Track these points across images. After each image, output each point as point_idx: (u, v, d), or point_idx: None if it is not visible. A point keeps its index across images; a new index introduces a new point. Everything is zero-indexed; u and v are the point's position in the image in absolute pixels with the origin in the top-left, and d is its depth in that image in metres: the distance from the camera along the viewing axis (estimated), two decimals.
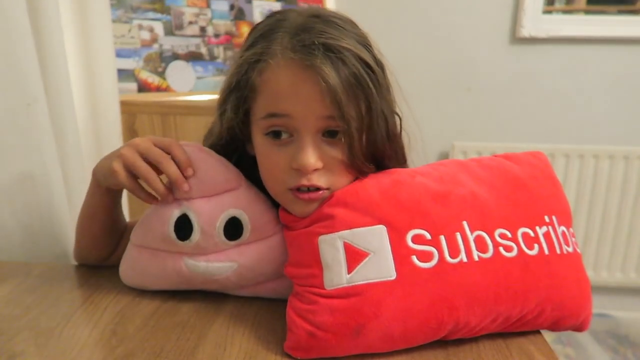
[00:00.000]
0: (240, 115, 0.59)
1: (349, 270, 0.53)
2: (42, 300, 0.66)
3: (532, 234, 0.59)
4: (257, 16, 1.44)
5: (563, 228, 0.62)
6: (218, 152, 0.64)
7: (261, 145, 0.58)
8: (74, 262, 0.78)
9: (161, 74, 1.25)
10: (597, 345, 1.79)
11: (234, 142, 0.64)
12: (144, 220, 0.65)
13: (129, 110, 1.18)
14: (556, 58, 1.77)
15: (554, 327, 0.61)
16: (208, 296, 0.67)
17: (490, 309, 0.55)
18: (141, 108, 1.19)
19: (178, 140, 0.63)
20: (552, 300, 0.58)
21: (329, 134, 0.55)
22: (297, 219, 0.59)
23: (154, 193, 0.60)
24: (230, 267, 0.62)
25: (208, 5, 1.34)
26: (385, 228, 0.55)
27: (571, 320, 0.61)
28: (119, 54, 1.18)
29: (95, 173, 0.64)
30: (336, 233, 0.55)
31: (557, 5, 1.75)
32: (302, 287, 0.57)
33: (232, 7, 1.39)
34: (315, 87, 0.52)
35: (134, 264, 0.67)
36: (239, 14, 1.41)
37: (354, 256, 0.54)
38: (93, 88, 1.08)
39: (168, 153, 0.60)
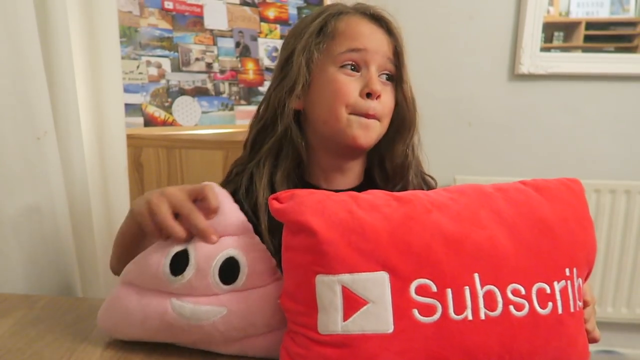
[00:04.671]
0: (319, 55, 0.71)
1: (345, 318, 0.50)
2: (46, 333, 0.66)
3: (548, 290, 0.54)
4: (262, 53, 1.48)
5: (580, 281, 0.58)
6: (263, 133, 0.75)
7: (334, 77, 0.70)
8: (79, 294, 0.78)
9: (167, 109, 1.27)
10: None
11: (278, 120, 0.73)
12: (140, 257, 0.62)
13: (135, 143, 1.20)
14: (555, 94, 1.80)
15: None
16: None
17: None
18: (147, 141, 1.21)
19: (183, 173, 0.64)
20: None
21: (386, 77, 0.73)
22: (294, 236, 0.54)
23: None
24: (219, 311, 0.58)
25: (214, 43, 1.38)
26: (388, 276, 0.50)
27: None
28: (127, 89, 1.20)
29: (132, 205, 0.67)
30: (336, 276, 0.50)
31: (555, 43, 1.79)
32: (295, 325, 0.54)
33: (237, 44, 1.43)
34: (383, 34, 0.72)
35: (116, 304, 0.62)
36: (244, 51, 1.44)
37: (352, 303, 0.50)
38: (101, 122, 1.10)
39: (201, 197, 0.61)
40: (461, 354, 0.50)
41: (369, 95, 0.70)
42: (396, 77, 0.74)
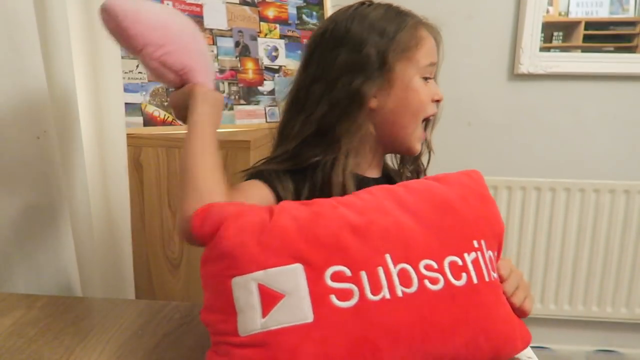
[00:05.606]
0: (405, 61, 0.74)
1: (264, 315, 0.49)
2: (45, 333, 0.66)
3: (460, 262, 0.56)
4: (262, 53, 1.48)
5: (490, 253, 0.60)
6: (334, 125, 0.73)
7: (418, 87, 0.75)
8: (78, 294, 0.78)
9: (167, 108, 1.27)
10: None
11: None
12: None
13: (134, 143, 1.20)
14: (554, 94, 1.80)
15: (498, 358, 0.57)
16: None
17: (417, 348, 0.52)
18: (147, 141, 1.21)
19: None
20: (485, 330, 0.55)
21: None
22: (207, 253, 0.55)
23: None
24: None
25: (214, 42, 1.38)
26: (302, 267, 0.50)
27: (511, 345, 0.58)
28: (127, 89, 1.20)
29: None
30: (249, 275, 0.50)
31: (555, 43, 1.79)
32: (216, 335, 0.53)
33: (237, 44, 1.43)
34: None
35: None
36: (243, 51, 1.44)
37: (269, 299, 0.49)
38: (101, 121, 1.10)
39: None
40: (384, 334, 0.50)
41: (435, 101, 0.79)
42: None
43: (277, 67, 1.52)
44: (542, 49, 1.76)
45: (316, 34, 0.79)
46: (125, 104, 1.18)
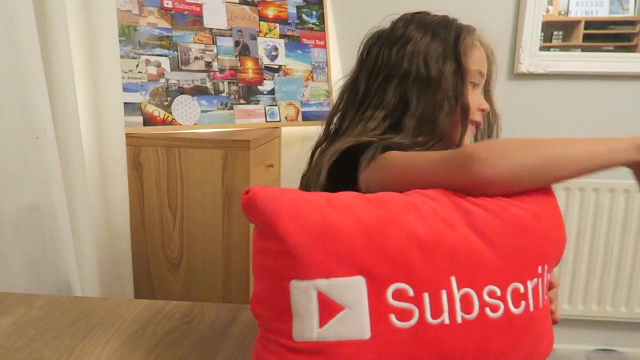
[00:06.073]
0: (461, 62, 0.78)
1: (321, 324, 0.48)
2: (45, 333, 0.66)
3: (522, 289, 0.54)
4: (261, 52, 1.48)
5: (548, 276, 0.59)
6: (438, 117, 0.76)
7: (468, 90, 0.79)
8: (78, 294, 0.78)
9: (167, 108, 1.27)
10: None
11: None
12: None
13: (134, 142, 1.20)
14: (554, 93, 1.80)
15: None
16: (210, 330, 0.67)
17: None
18: (146, 141, 1.21)
19: (182, 172, 0.64)
20: (531, 355, 0.55)
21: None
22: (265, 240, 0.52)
23: None
24: None
25: (214, 42, 1.38)
26: (364, 280, 0.49)
27: (543, 358, 0.58)
28: (126, 88, 1.20)
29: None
30: (311, 281, 0.48)
31: (555, 42, 1.79)
32: (268, 331, 0.52)
33: (237, 43, 1.43)
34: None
35: None
36: (243, 50, 1.44)
37: (328, 309, 0.48)
38: (100, 121, 1.10)
39: None
40: (437, 358, 0.50)
41: (481, 110, 0.84)
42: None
43: (276, 67, 1.52)
44: (542, 49, 1.76)
45: (373, 35, 0.83)
46: (125, 103, 1.18)
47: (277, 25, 1.53)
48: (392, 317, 0.49)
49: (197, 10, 1.36)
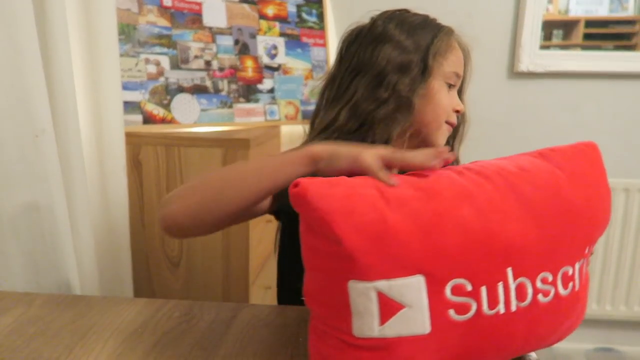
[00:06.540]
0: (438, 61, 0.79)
1: (382, 322, 0.48)
2: (44, 331, 0.66)
3: (570, 272, 0.55)
4: (261, 51, 1.48)
5: (590, 251, 0.60)
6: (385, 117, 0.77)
7: (440, 88, 0.80)
8: (78, 292, 0.78)
9: (166, 106, 1.27)
10: None
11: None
12: None
13: (133, 141, 1.20)
14: (554, 92, 1.80)
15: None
16: (210, 329, 0.67)
17: (517, 349, 0.54)
18: (146, 139, 1.20)
19: (182, 171, 0.64)
20: (569, 329, 0.58)
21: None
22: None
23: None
24: None
25: (213, 41, 1.38)
26: (424, 279, 0.49)
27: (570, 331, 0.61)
28: (126, 87, 1.20)
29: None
30: (371, 283, 0.48)
31: (554, 41, 1.79)
32: (325, 325, 0.52)
33: (236, 42, 1.43)
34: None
35: None
36: (243, 49, 1.44)
37: (388, 308, 0.48)
38: (99, 120, 1.10)
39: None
40: (492, 345, 0.52)
41: (456, 111, 0.85)
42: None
43: (276, 65, 1.51)
44: (541, 47, 1.76)
45: (352, 30, 0.83)
46: (125, 102, 1.18)
47: (276, 23, 1.53)
48: (451, 312, 0.49)
49: (197, 8, 1.36)
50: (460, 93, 0.88)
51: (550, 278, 0.53)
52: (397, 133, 0.78)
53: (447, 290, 0.49)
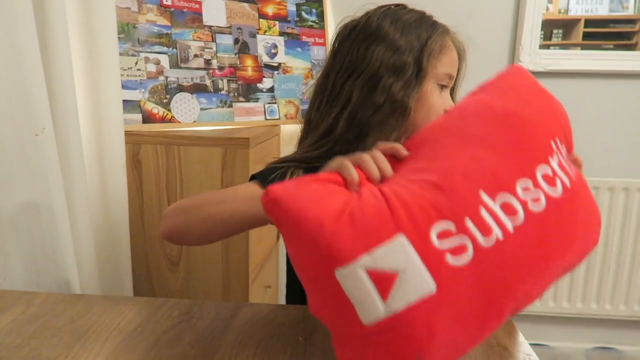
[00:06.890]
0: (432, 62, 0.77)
1: (384, 299, 0.46)
2: (44, 330, 0.66)
3: (549, 171, 0.53)
4: (261, 50, 1.48)
5: (564, 147, 0.58)
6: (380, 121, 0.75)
7: (432, 90, 0.78)
8: (77, 291, 0.78)
9: (166, 105, 1.27)
10: None
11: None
12: None
13: (133, 140, 1.19)
14: (554, 91, 1.78)
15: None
16: (209, 328, 0.67)
17: (542, 271, 0.51)
18: (146, 138, 1.20)
19: (181, 170, 0.64)
20: (592, 228, 0.57)
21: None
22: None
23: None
24: None
25: (213, 40, 1.38)
26: (404, 236, 0.47)
27: (596, 236, 0.59)
28: (125, 86, 1.20)
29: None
30: (354, 263, 0.46)
31: (554, 40, 1.79)
32: (338, 329, 0.51)
33: (236, 41, 1.43)
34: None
35: None
36: (243, 48, 1.44)
37: (383, 281, 0.46)
38: (99, 119, 1.10)
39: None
40: (510, 274, 0.49)
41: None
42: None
43: (276, 64, 1.51)
44: (541, 47, 1.76)
45: (346, 25, 0.81)
46: (124, 101, 1.18)
47: (276, 22, 1.53)
48: (449, 259, 0.47)
49: (197, 7, 1.36)
50: (452, 92, 0.86)
51: (530, 184, 0.51)
52: (393, 138, 0.76)
53: (433, 238, 0.47)
